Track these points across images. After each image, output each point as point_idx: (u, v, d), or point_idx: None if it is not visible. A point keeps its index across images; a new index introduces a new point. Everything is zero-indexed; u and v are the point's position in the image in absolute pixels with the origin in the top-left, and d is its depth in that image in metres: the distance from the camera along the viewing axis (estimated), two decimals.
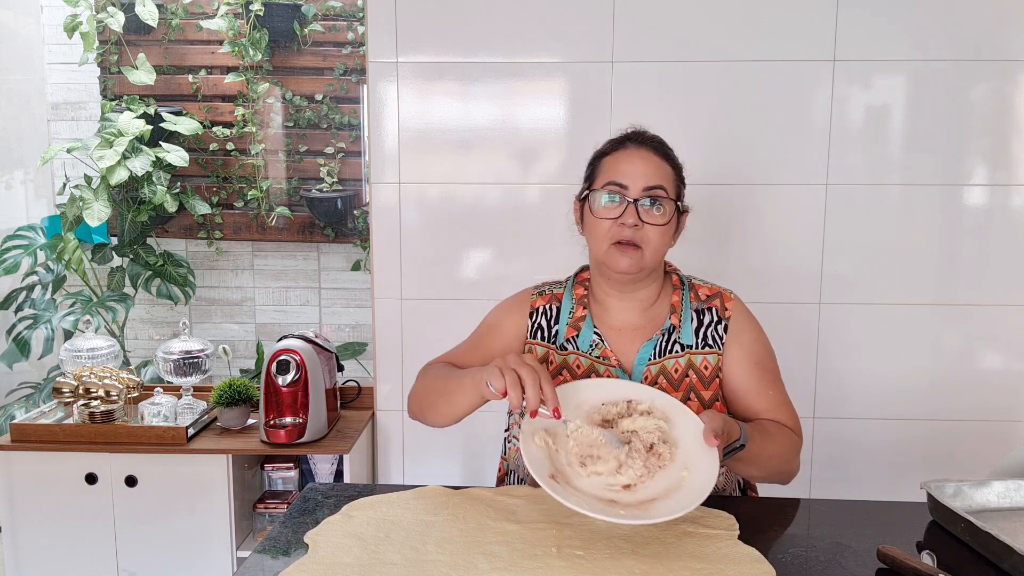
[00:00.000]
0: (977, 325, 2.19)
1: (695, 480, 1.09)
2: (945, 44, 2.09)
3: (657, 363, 1.37)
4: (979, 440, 2.21)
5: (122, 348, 2.84)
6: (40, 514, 2.14)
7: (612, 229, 1.32)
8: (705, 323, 1.40)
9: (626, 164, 1.33)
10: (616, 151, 1.37)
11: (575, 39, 2.14)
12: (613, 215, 1.32)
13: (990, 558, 1.06)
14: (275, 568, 1.04)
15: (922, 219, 2.16)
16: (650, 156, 1.34)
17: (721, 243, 2.17)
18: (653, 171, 1.33)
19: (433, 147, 2.21)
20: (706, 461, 1.11)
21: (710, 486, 1.06)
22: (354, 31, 2.95)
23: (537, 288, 1.49)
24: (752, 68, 2.12)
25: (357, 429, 2.25)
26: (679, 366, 1.38)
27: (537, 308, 1.45)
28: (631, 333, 1.39)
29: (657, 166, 1.34)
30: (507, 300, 1.51)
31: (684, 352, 1.38)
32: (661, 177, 1.33)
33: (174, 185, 2.96)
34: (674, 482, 1.10)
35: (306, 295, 3.18)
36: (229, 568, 2.15)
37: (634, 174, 1.32)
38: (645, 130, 1.40)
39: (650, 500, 1.08)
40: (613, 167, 1.35)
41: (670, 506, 1.05)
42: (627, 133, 1.40)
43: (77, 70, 3.05)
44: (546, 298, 1.46)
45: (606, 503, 1.07)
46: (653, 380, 1.36)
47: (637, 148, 1.35)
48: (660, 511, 1.05)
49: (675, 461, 1.14)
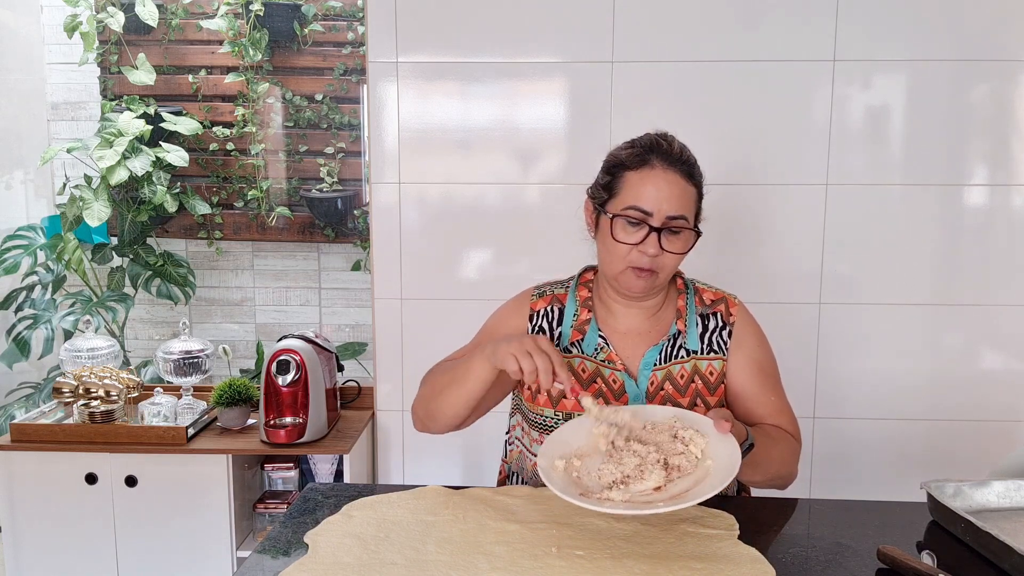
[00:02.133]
0: (977, 325, 2.18)
1: (720, 464, 1.10)
2: (945, 44, 2.09)
3: (663, 368, 1.36)
4: (979, 440, 2.21)
5: (122, 348, 2.84)
6: (40, 514, 2.14)
7: (632, 254, 1.28)
8: (710, 328, 1.39)
9: (652, 187, 1.27)
10: (640, 168, 1.29)
11: (575, 39, 2.14)
12: (632, 240, 1.28)
13: (990, 558, 1.06)
14: (275, 568, 1.04)
15: (922, 219, 2.16)
16: (676, 180, 1.28)
17: (721, 243, 2.17)
18: (678, 197, 1.27)
19: (433, 147, 2.21)
20: (728, 447, 1.12)
21: (737, 462, 1.07)
22: (354, 31, 2.95)
23: (538, 289, 1.46)
24: (752, 68, 2.12)
25: (357, 429, 2.25)
26: (685, 372, 1.37)
27: (537, 310, 1.42)
28: (636, 337, 1.38)
29: (682, 191, 1.28)
30: (508, 303, 1.48)
31: (690, 358, 1.37)
32: (685, 205, 1.28)
33: (174, 185, 2.96)
34: (700, 473, 1.11)
35: (306, 295, 3.18)
36: (229, 568, 2.15)
37: (659, 200, 1.26)
38: (671, 138, 1.33)
39: (683, 493, 1.08)
40: (637, 188, 1.28)
41: (704, 489, 1.05)
42: (652, 143, 1.31)
43: (77, 70, 3.04)
44: (547, 299, 1.43)
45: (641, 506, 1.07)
46: (659, 386, 1.35)
47: (664, 170, 1.28)
48: (696, 495, 1.04)
49: (697, 457, 1.14)
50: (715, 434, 1.14)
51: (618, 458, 1.13)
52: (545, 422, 1.37)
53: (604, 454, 1.15)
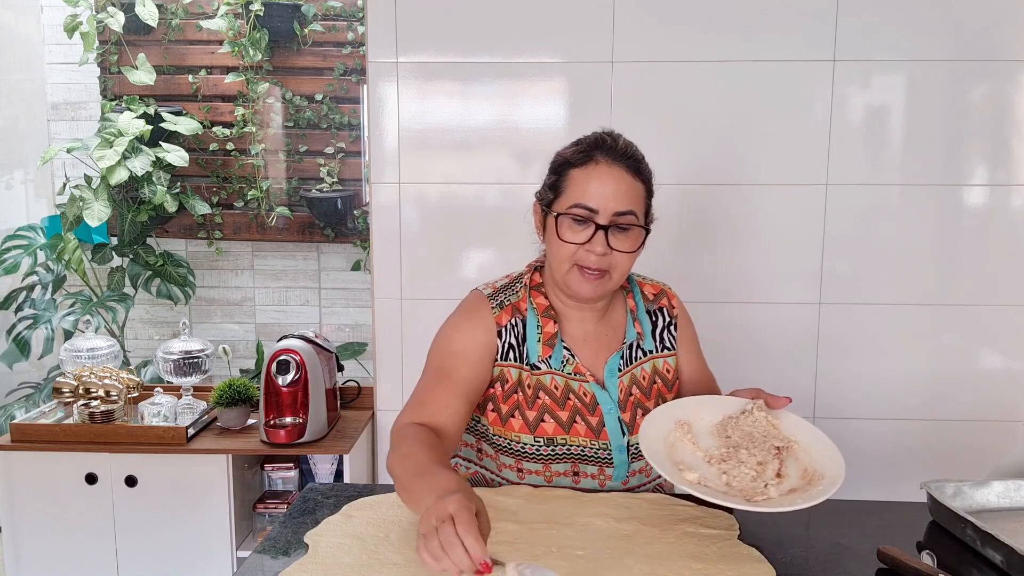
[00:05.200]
0: (976, 325, 2.18)
1: (822, 458, 1.15)
2: (945, 44, 2.09)
3: (627, 373, 1.35)
4: (979, 440, 2.21)
5: (122, 348, 2.84)
6: (40, 514, 2.14)
7: (577, 253, 1.24)
8: (659, 326, 1.40)
9: (596, 184, 1.24)
10: (585, 165, 1.26)
11: (575, 39, 2.14)
12: (579, 240, 1.24)
13: (990, 558, 1.06)
14: (275, 568, 1.04)
15: (922, 219, 2.16)
16: (622, 175, 1.24)
17: (721, 243, 2.16)
18: (624, 193, 1.24)
19: (433, 147, 2.21)
20: (818, 438, 1.18)
21: (839, 454, 1.14)
22: (354, 31, 2.95)
23: (490, 297, 1.34)
24: (752, 68, 2.11)
25: (357, 429, 2.25)
26: (646, 373, 1.36)
27: (504, 326, 1.31)
28: (595, 343, 1.34)
29: (629, 186, 1.25)
30: (463, 317, 1.34)
31: (648, 358, 1.37)
32: (632, 200, 1.25)
33: (174, 185, 2.96)
34: (803, 468, 1.15)
35: (306, 295, 3.18)
36: (229, 568, 2.15)
37: (604, 196, 1.23)
38: (616, 135, 1.29)
39: (792, 491, 1.10)
40: (582, 185, 1.25)
41: (826, 484, 1.09)
42: (596, 140, 1.28)
43: (77, 70, 3.05)
44: (507, 311, 1.32)
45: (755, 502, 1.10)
46: (628, 391, 1.34)
47: (609, 165, 1.24)
48: (817, 492, 1.07)
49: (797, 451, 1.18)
50: (802, 428, 1.21)
51: (737, 460, 1.15)
52: (524, 449, 1.30)
53: (715, 460, 1.16)
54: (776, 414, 1.22)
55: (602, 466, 1.32)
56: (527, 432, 1.30)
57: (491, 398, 1.32)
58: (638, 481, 1.35)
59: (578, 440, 1.30)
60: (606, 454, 1.31)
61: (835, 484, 1.08)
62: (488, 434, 1.34)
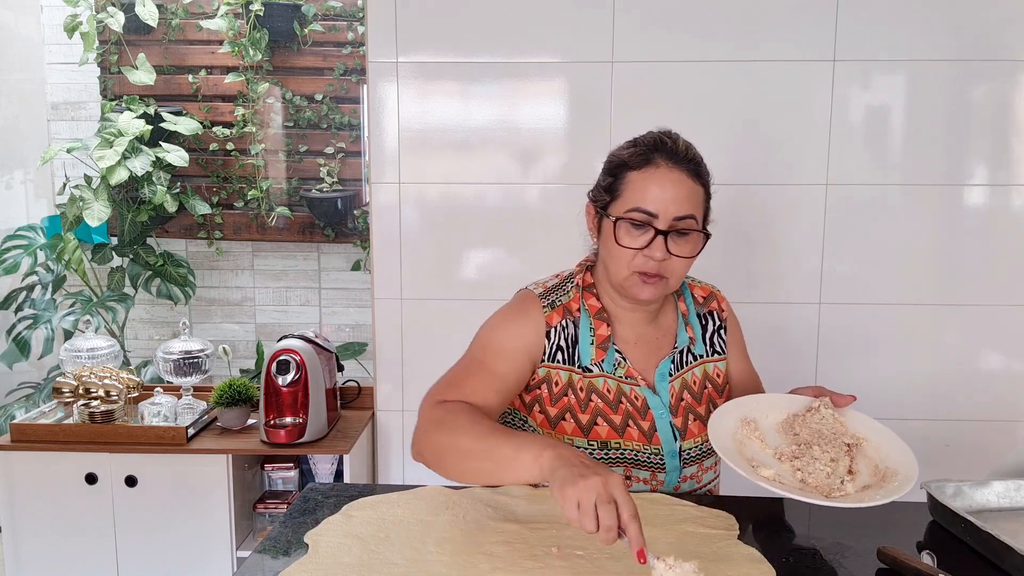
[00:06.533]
0: (977, 325, 2.18)
1: (893, 455, 1.16)
2: (945, 44, 2.09)
3: (677, 377, 1.33)
4: (979, 440, 2.21)
5: (122, 348, 2.84)
6: (40, 514, 2.14)
7: (637, 259, 1.22)
8: (709, 330, 1.38)
9: (656, 188, 1.20)
10: (644, 168, 1.22)
11: (575, 39, 2.14)
12: (638, 245, 1.21)
13: (990, 558, 1.06)
14: (275, 568, 1.04)
15: (922, 219, 2.16)
16: (682, 179, 1.21)
17: (721, 243, 2.14)
18: (685, 197, 1.21)
19: (433, 147, 2.21)
20: (887, 436, 1.20)
21: (910, 451, 1.15)
22: (354, 31, 2.95)
23: (541, 296, 1.31)
24: (752, 68, 2.12)
25: (357, 429, 2.25)
26: (696, 378, 1.34)
27: (554, 327, 1.28)
28: (646, 346, 1.32)
29: (689, 190, 1.21)
30: (511, 314, 1.31)
31: (698, 362, 1.35)
32: (692, 204, 1.22)
33: (174, 185, 2.96)
34: (874, 465, 1.17)
35: (306, 295, 3.18)
36: (229, 568, 2.15)
37: (664, 200, 1.20)
38: (675, 136, 1.26)
39: (866, 488, 1.12)
40: (641, 189, 1.21)
41: (901, 481, 1.10)
42: (656, 141, 1.25)
43: (77, 70, 3.05)
44: (559, 311, 1.29)
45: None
46: (679, 396, 1.32)
47: (669, 168, 1.21)
48: (893, 489, 1.09)
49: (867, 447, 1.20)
50: (868, 426, 1.23)
51: (811, 457, 1.16)
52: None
53: (787, 457, 1.17)
54: (841, 411, 1.25)
55: (654, 471, 1.29)
56: (580, 435, 1.28)
57: (538, 399, 1.30)
58: (689, 487, 1.33)
59: (632, 444, 1.28)
60: (658, 459, 1.29)
61: (910, 481, 1.09)
62: (528, 430, 1.32)
